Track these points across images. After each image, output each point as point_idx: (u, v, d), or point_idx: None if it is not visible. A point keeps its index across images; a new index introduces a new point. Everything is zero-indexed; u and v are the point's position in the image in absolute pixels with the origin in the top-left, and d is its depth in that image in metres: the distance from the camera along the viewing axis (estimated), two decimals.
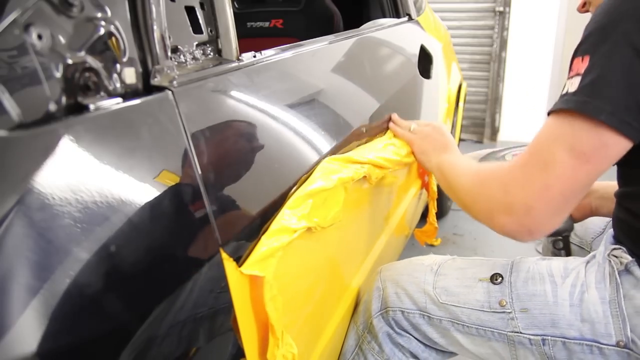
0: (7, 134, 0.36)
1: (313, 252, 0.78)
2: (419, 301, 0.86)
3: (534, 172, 0.66)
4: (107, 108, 0.44)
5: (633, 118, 0.61)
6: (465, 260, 0.90)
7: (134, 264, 0.43)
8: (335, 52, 1.04)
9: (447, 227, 2.41)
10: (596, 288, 0.73)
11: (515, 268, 0.81)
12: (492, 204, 0.71)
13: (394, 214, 1.31)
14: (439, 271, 0.87)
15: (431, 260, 0.92)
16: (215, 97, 0.61)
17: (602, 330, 0.71)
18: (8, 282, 0.33)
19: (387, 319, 0.89)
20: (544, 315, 0.75)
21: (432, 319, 0.85)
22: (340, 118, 0.92)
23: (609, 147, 0.63)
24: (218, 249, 0.52)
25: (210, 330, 0.53)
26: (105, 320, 0.40)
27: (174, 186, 0.48)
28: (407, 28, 1.61)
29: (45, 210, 0.36)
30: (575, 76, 0.65)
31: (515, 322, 0.77)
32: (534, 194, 0.66)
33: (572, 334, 0.73)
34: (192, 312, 0.49)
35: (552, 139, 0.65)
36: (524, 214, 0.67)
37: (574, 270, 0.77)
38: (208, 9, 0.68)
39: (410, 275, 0.89)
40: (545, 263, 0.80)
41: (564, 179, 0.64)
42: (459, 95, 2.38)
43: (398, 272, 0.91)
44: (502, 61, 3.75)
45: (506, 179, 0.70)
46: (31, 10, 0.39)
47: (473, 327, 0.81)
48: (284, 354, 0.61)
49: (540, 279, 0.78)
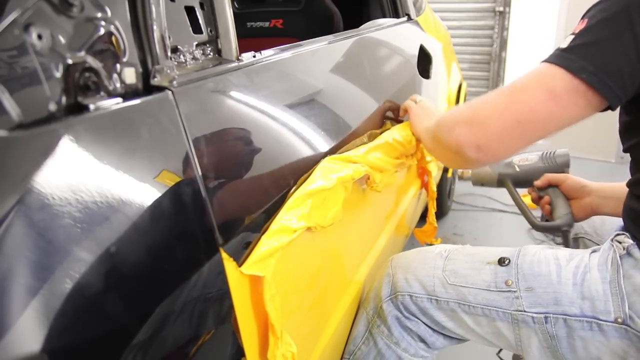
0: (7, 134, 0.36)
1: (313, 252, 0.78)
2: (427, 285, 0.88)
3: (502, 95, 0.72)
4: (107, 108, 0.44)
5: (614, 82, 0.65)
6: (475, 247, 0.94)
7: (134, 264, 0.43)
8: (335, 53, 1.04)
9: (447, 227, 2.41)
10: (598, 270, 0.76)
11: (522, 252, 0.84)
12: (457, 117, 0.77)
13: (394, 214, 1.31)
14: (448, 256, 0.91)
15: (441, 247, 0.95)
16: (215, 97, 0.61)
17: (602, 307, 0.74)
18: (8, 282, 0.33)
19: (396, 303, 0.91)
20: (548, 294, 0.78)
21: (439, 301, 0.87)
22: (340, 118, 0.92)
23: (580, 96, 0.66)
24: (218, 249, 0.52)
25: (210, 330, 0.53)
26: (106, 320, 0.40)
27: (174, 186, 0.48)
28: (406, 28, 1.61)
29: (45, 210, 0.36)
30: (571, 35, 0.70)
31: (520, 301, 0.80)
32: (494, 112, 0.71)
33: (573, 311, 0.76)
34: (192, 312, 0.49)
35: (531, 78, 0.70)
36: (478, 126, 0.72)
37: (579, 255, 0.81)
38: (208, 9, 0.68)
39: (421, 262, 0.92)
40: (552, 250, 0.84)
41: (526, 105, 0.69)
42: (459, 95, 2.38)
43: (408, 260, 0.95)
44: (502, 61, 3.75)
45: (477, 100, 0.75)
46: (31, 10, 0.39)
47: (479, 307, 0.84)
48: (283, 354, 0.61)
49: (546, 261, 0.81)
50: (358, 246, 1.04)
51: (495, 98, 0.73)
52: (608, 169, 3.25)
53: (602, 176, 2.76)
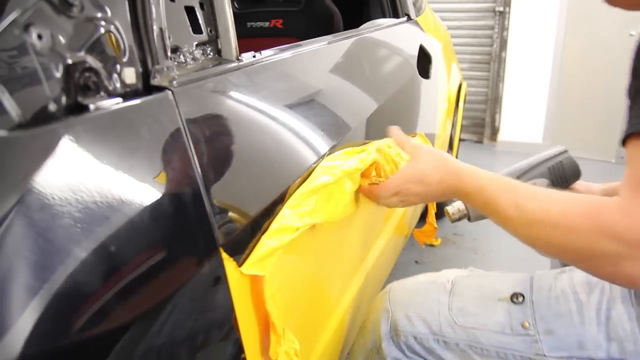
0: (7, 134, 0.36)
1: (312, 253, 0.78)
2: (432, 324, 0.81)
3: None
4: (107, 108, 0.44)
5: None
6: (481, 276, 0.85)
7: (133, 264, 0.42)
8: (334, 53, 1.04)
9: (446, 227, 2.41)
10: (622, 303, 0.70)
11: (536, 286, 0.77)
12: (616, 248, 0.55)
13: (394, 214, 1.31)
14: (454, 290, 0.82)
15: (444, 278, 0.86)
16: (215, 97, 0.61)
17: (631, 348, 0.68)
18: (8, 282, 0.33)
19: (398, 344, 0.84)
20: (570, 337, 0.72)
21: (448, 343, 0.80)
22: (339, 118, 0.92)
23: None
24: (218, 249, 0.52)
25: (211, 330, 0.53)
26: (105, 320, 0.40)
27: (174, 186, 0.48)
28: (406, 28, 1.61)
29: (45, 210, 0.36)
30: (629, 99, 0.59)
31: (539, 345, 0.73)
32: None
33: (600, 356, 0.70)
34: (192, 312, 0.49)
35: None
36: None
37: (598, 285, 0.73)
38: (208, 9, 0.68)
39: (423, 297, 0.84)
40: (567, 277, 0.76)
41: None
42: (459, 95, 2.38)
43: (408, 294, 0.86)
44: (502, 61, 3.75)
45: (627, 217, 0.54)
46: (31, 10, 0.39)
47: (493, 349, 0.77)
48: (286, 351, 0.61)
49: (564, 297, 0.74)
50: (357, 247, 1.04)
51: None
52: (608, 169, 3.25)
53: (602, 176, 2.76)
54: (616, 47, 3.07)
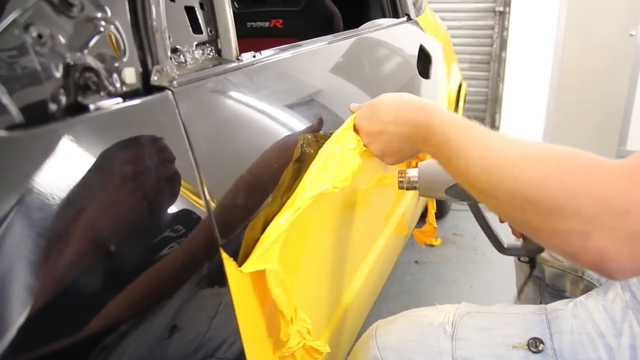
0: (7, 134, 0.36)
1: (313, 253, 0.78)
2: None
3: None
4: (107, 108, 0.44)
5: None
6: (485, 315, 0.73)
7: (134, 264, 0.43)
8: (334, 53, 1.04)
9: (446, 227, 2.41)
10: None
11: (555, 328, 0.66)
12: (602, 208, 0.45)
13: (394, 214, 1.31)
14: (456, 335, 0.70)
15: (440, 316, 0.73)
16: (215, 97, 0.61)
17: None
18: (8, 282, 0.33)
19: None
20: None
21: None
22: (339, 118, 0.92)
23: None
24: (218, 248, 0.52)
25: (210, 330, 0.53)
26: (105, 320, 0.40)
27: (174, 186, 0.48)
28: (406, 28, 1.61)
29: (45, 210, 0.36)
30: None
31: None
32: None
33: None
34: (192, 312, 0.49)
35: None
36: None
37: (625, 324, 0.64)
38: (208, 9, 0.68)
39: (418, 342, 0.71)
40: (586, 314, 0.66)
41: None
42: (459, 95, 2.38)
43: (400, 338, 0.73)
44: (502, 61, 3.75)
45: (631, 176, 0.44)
46: (31, 10, 0.39)
47: None
48: (298, 330, 0.60)
49: (590, 341, 0.64)
50: (356, 247, 1.04)
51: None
52: None
53: None
54: (616, 47, 3.07)
